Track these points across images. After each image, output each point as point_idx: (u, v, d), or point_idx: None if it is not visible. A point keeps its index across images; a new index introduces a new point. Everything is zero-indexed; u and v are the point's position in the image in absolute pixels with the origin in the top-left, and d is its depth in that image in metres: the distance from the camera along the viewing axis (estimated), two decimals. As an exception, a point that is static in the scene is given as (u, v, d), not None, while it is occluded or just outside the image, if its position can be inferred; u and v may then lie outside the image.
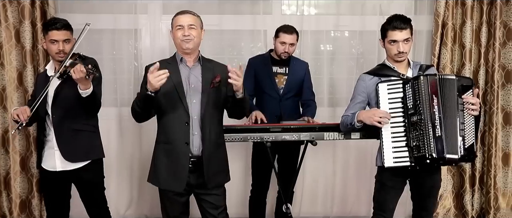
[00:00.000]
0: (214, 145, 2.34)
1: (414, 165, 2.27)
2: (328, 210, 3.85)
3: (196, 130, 2.29)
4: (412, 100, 2.27)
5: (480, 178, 3.70)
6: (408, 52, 2.39)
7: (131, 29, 3.65)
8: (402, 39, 2.34)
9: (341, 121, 2.53)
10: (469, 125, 2.28)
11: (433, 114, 2.23)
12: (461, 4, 3.58)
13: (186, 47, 2.30)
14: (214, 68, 2.38)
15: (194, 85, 2.32)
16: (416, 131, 2.26)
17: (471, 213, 3.71)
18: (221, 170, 2.41)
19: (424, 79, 2.25)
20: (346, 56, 3.81)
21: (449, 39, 3.57)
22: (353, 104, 2.48)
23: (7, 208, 3.57)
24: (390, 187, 2.41)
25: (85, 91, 2.35)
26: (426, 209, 2.46)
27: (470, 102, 2.25)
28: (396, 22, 2.34)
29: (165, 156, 2.32)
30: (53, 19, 2.54)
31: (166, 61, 2.39)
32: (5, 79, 3.49)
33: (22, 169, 3.55)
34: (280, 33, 3.09)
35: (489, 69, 3.60)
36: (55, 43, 2.48)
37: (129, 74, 3.70)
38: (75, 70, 2.27)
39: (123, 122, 3.69)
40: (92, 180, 2.60)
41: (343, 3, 3.73)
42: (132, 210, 3.77)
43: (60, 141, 2.51)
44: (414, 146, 2.26)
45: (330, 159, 3.82)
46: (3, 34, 3.44)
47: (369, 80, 2.45)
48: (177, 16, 2.35)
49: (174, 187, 2.32)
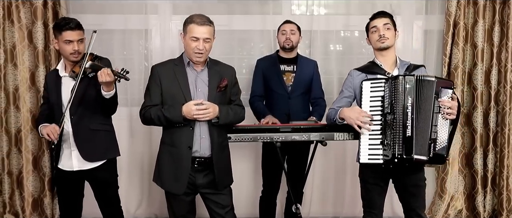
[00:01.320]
0: (220, 148, 2.37)
1: (386, 164, 2.29)
2: (338, 210, 3.83)
3: (204, 133, 2.31)
4: (389, 100, 2.28)
5: (492, 179, 3.66)
6: (391, 39, 2.42)
7: (142, 29, 3.68)
8: (382, 24, 2.41)
9: (326, 114, 2.58)
10: (443, 127, 2.27)
11: (406, 114, 2.23)
12: (473, 3, 3.55)
13: (197, 60, 2.32)
14: (221, 71, 2.40)
15: (201, 89, 2.34)
16: (390, 130, 2.27)
17: (483, 214, 3.67)
18: (228, 171, 2.45)
19: (402, 79, 2.25)
20: (356, 56, 3.79)
21: (460, 38, 3.53)
22: (340, 98, 2.52)
23: (20, 206, 3.62)
24: (373, 184, 2.44)
25: (109, 93, 2.38)
26: (413, 209, 2.44)
27: (446, 106, 2.25)
28: (376, 13, 2.48)
29: (168, 158, 2.35)
30: (64, 19, 2.53)
31: (173, 62, 2.40)
32: (18, 79, 3.53)
33: (35, 168, 3.60)
34: (280, 26, 3.23)
35: (501, 69, 3.56)
36: (70, 43, 2.46)
37: (140, 74, 3.72)
38: (102, 73, 2.29)
39: (134, 122, 3.71)
40: (107, 179, 2.62)
41: (352, 3, 3.72)
42: (142, 209, 3.79)
43: (79, 141, 2.52)
44: (386, 144, 2.28)
45: (340, 159, 3.80)
46: (16, 35, 3.49)
47: (356, 76, 2.49)
48: (194, 25, 2.27)
49: (174, 189, 2.34)
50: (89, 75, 2.43)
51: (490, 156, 3.62)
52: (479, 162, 3.64)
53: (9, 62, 3.50)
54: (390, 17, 2.47)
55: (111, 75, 2.29)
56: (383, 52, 2.45)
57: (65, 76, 2.54)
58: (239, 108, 2.48)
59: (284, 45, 3.16)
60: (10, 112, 3.54)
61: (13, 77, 3.53)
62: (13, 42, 3.50)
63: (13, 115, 3.55)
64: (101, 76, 2.29)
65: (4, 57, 3.50)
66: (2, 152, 3.56)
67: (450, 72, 3.57)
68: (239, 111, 2.48)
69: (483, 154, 3.66)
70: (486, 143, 3.65)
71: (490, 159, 3.62)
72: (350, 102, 2.52)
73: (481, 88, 3.59)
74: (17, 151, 3.58)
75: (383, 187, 2.47)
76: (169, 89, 2.31)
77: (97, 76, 2.32)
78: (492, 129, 3.61)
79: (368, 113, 2.34)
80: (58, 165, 2.61)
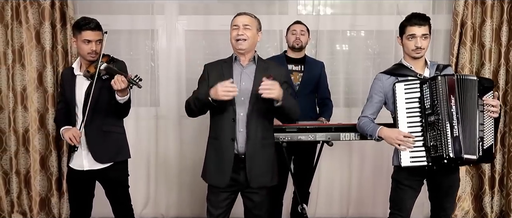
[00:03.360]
0: (259, 144, 2.32)
1: (431, 165, 2.26)
2: (344, 211, 3.82)
3: (242, 127, 2.30)
4: (430, 100, 2.25)
5: (500, 179, 3.63)
6: (426, 49, 2.37)
7: (148, 29, 3.69)
8: (421, 34, 2.33)
9: (359, 124, 2.49)
10: (489, 126, 2.26)
11: (450, 114, 2.20)
12: (481, 3, 3.52)
13: (239, 47, 2.32)
14: (269, 68, 2.39)
15: (245, 83, 2.33)
16: (433, 131, 2.24)
17: (491, 215, 3.65)
18: (266, 170, 2.37)
19: (442, 79, 2.22)
20: (363, 56, 3.78)
21: (468, 38, 3.51)
22: (371, 104, 2.46)
23: (27, 206, 3.64)
24: (407, 186, 2.38)
25: (123, 98, 2.40)
26: (444, 209, 2.43)
27: (490, 104, 2.24)
28: (415, 18, 2.36)
29: (213, 152, 2.36)
30: (85, 19, 2.53)
31: (223, 61, 2.43)
32: (25, 79, 3.56)
33: (42, 167, 3.62)
34: (290, 26, 3.24)
35: (509, 69, 3.53)
36: (89, 43, 2.48)
37: (146, 74, 3.73)
38: (116, 81, 2.30)
39: (140, 122, 3.73)
40: (118, 178, 2.64)
41: (359, 3, 3.70)
42: (149, 209, 3.80)
43: (90, 142, 2.54)
44: (431, 145, 2.24)
45: (346, 159, 3.79)
46: (24, 35, 3.51)
47: (385, 80, 2.43)
48: (235, 17, 2.39)
49: (218, 182, 2.33)
50: (103, 77, 2.44)
51: (498, 157, 3.59)
52: (486, 162, 3.63)
53: (17, 62, 3.53)
54: (428, 22, 2.37)
55: (125, 82, 2.32)
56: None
57: (79, 75, 2.57)
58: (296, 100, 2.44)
59: (294, 45, 3.16)
60: (18, 111, 3.56)
61: (21, 78, 3.55)
62: (21, 42, 3.52)
63: (21, 115, 3.57)
64: (115, 84, 2.31)
65: (12, 57, 3.52)
66: (10, 152, 3.58)
67: (457, 72, 3.55)
68: (297, 103, 2.41)
69: (490, 154, 3.64)
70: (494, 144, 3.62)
71: (498, 159, 3.59)
72: (381, 107, 2.47)
73: (488, 88, 3.56)
74: (25, 151, 3.61)
75: (416, 190, 2.42)
76: (214, 84, 2.26)
77: (111, 79, 2.34)
78: (500, 129, 3.57)
79: (405, 115, 2.30)
80: (69, 164, 2.63)
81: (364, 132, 2.46)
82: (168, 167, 3.80)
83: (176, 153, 3.78)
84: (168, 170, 3.80)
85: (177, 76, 3.72)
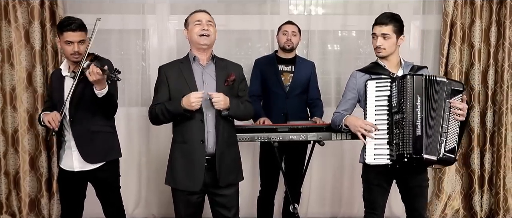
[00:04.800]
0: (226, 144, 2.34)
1: (393, 163, 2.27)
2: (335, 210, 3.83)
3: (211, 127, 2.30)
4: (397, 99, 2.27)
5: (489, 178, 3.67)
6: (388, 48, 2.37)
7: (139, 29, 3.67)
8: (380, 33, 2.35)
9: (332, 119, 2.54)
10: (453, 128, 2.28)
11: (415, 113, 2.22)
12: (470, 4, 3.56)
13: (204, 42, 2.31)
14: (228, 66, 2.39)
15: (208, 83, 2.33)
16: (398, 129, 2.25)
17: (480, 214, 3.68)
18: (233, 168, 2.39)
19: (410, 79, 2.24)
20: (354, 56, 3.80)
21: (458, 38, 3.54)
22: (344, 101, 2.50)
23: (17, 207, 3.60)
24: (376, 185, 2.41)
25: (101, 91, 2.35)
26: (416, 209, 2.43)
27: (457, 107, 2.25)
28: (379, 18, 2.39)
29: (181, 156, 2.33)
30: (67, 19, 2.50)
31: (179, 61, 2.41)
32: (14, 79, 3.52)
33: (31, 168, 3.58)
34: (281, 26, 3.22)
35: (498, 69, 3.57)
36: (70, 44, 2.45)
37: (137, 74, 3.71)
38: (90, 72, 2.26)
39: (131, 122, 3.71)
40: (108, 179, 2.62)
41: (350, 3, 3.72)
42: (140, 210, 3.78)
43: (79, 143, 2.51)
44: (394, 144, 2.26)
45: (337, 159, 3.81)
46: (12, 35, 3.47)
47: (360, 77, 2.46)
48: (195, 14, 2.38)
49: (190, 187, 2.31)
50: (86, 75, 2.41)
51: (487, 156, 3.63)
52: (476, 161, 3.66)
53: (5, 62, 3.49)
54: (393, 22, 2.36)
55: (99, 73, 2.25)
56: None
57: (67, 76, 2.54)
58: (248, 103, 2.45)
59: (285, 46, 3.15)
60: (7, 112, 3.52)
61: (10, 77, 3.52)
62: (10, 42, 3.48)
63: (10, 115, 3.53)
64: (90, 75, 2.27)
65: (1, 57, 3.48)
66: (-1, 152, 3.55)
67: (447, 72, 3.58)
68: (249, 106, 2.45)
69: (480, 153, 3.67)
70: (483, 143, 3.66)
71: (487, 158, 3.63)
72: (354, 104, 2.50)
73: (478, 88, 3.60)
74: (14, 151, 3.57)
75: (386, 188, 2.44)
76: (176, 86, 2.30)
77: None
78: (489, 128, 3.62)
79: (373, 113, 2.33)
80: (59, 164, 2.61)
81: (334, 125, 2.50)
82: (160, 167, 3.77)
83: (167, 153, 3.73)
84: (160, 170, 3.76)
85: (168, 76, 3.70)
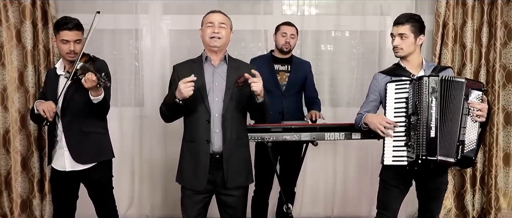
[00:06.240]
0: (235, 144, 2.31)
1: (411, 165, 2.27)
2: (329, 210, 3.84)
3: (218, 127, 2.28)
4: (412, 101, 2.27)
5: (481, 178, 3.70)
6: (406, 48, 2.36)
7: (132, 29, 3.66)
8: (397, 33, 2.36)
9: (355, 119, 2.53)
10: (472, 130, 2.23)
11: (429, 115, 2.20)
12: (462, 4, 3.58)
13: (214, 44, 2.29)
14: (240, 67, 2.36)
15: (218, 83, 2.31)
16: (413, 131, 2.25)
17: (472, 213, 3.71)
18: (242, 170, 2.36)
19: (426, 80, 2.22)
20: (347, 56, 3.81)
21: (450, 39, 3.57)
22: (367, 103, 2.50)
23: (8, 208, 3.57)
24: (394, 186, 2.40)
25: (97, 98, 2.36)
26: (429, 211, 2.44)
27: (476, 108, 2.21)
28: (397, 18, 2.39)
29: (189, 154, 2.33)
30: (64, 18, 2.51)
31: (192, 61, 2.40)
32: (6, 79, 3.49)
33: (23, 169, 3.55)
34: (280, 27, 3.17)
35: (490, 70, 3.60)
36: (66, 43, 2.45)
37: (130, 74, 3.70)
38: (86, 79, 2.26)
39: (124, 122, 3.69)
40: (101, 179, 2.60)
41: (343, 3, 3.73)
42: (133, 210, 3.77)
43: (70, 143, 2.50)
44: (410, 145, 2.26)
45: (331, 159, 3.82)
46: (4, 34, 3.44)
47: (381, 79, 2.46)
48: (209, 14, 2.37)
49: (195, 186, 2.31)
50: (80, 77, 2.39)
51: (479, 155, 3.65)
52: (468, 161, 3.68)
53: (-3, 62, 3.47)
54: (411, 22, 2.34)
55: (95, 81, 2.26)
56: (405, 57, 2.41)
57: (61, 75, 2.53)
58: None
59: (283, 48, 3.13)
60: (-2, 112, 3.50)
61: (1, 77, 3.49)
62: (1, 41, 3.45)
63: (1, 115, 3.51)
64: (85, 83, 2.27)
65: (-8, 56, 3.46)
66: (-10, 153, 3.52)
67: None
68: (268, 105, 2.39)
69: (472, 153, 3.70)
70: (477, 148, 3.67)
71: (479, 158, 3.65)
72: (377, 106, 2.49)
73: (470, 88, 3.62)
74: (5, 152, 3.54)
75: (403, 190, 2.42)
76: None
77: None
78: (482, 129, 3.65)
79: (392, 115, 2.32)
80: (51, 164, 2.59)
81: (356, 125, 2.50)
82: (153, 167, 3.77)
83: (161, 153, 3.75)
84: (153, 170, 3.77)
85: (161, 76, 3.68)
